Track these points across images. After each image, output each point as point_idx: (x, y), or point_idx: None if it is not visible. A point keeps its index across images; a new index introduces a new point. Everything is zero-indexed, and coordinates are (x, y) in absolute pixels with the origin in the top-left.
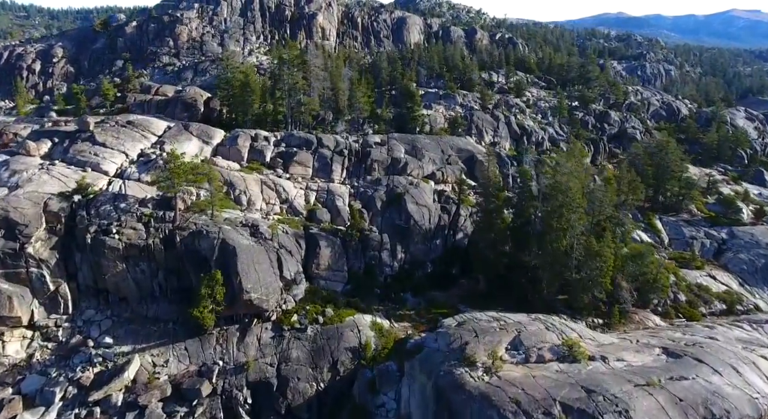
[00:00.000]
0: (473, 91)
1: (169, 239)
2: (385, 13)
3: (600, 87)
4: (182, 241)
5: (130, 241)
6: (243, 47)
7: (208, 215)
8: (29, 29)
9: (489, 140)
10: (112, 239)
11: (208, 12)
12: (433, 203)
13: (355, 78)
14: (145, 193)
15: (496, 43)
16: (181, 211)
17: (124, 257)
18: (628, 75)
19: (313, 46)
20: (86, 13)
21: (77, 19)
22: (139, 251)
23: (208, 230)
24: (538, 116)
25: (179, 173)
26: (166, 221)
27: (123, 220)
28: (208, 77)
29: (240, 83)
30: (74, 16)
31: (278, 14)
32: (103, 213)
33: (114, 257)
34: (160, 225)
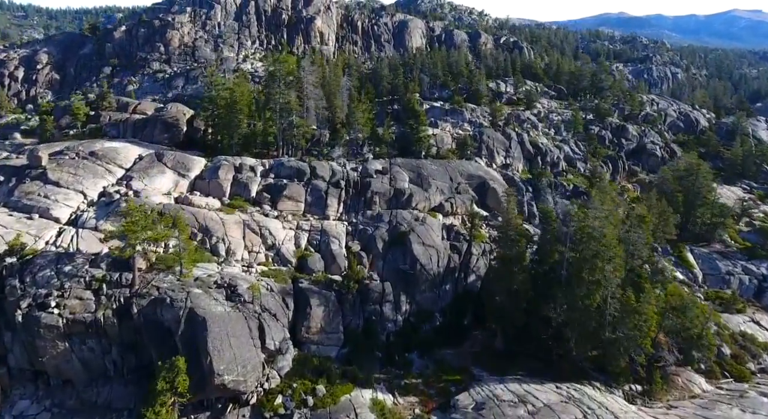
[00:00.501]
0: (481, 104)
1: (125, 309)
2: (386, 16)
3: (613, 97)
4: (141, 311)
5: (73, 315)
6: (237, 53)
7: (176, 274)
8: (27, 29)
9: (501, 161)
10: (50, 316)
11: (201, 16)
12: (442, 242)
13: (355, 87)
14: (101, 247)
15: (501, 48)
16: (142, 271)
17: (66, 335)
18: (635, 78)
19: (308, 63)
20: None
21: (76, 19)
22: (85, 327)
23: (173, 298)
24: (551, 131)
25: (135, 230)
26: (122, 285)
27: (67, 287)
28: (199, 85)
29: (225, 102)
30: (73, 16)
31: (275, 18)
32: (41, 281)
33: (53, 337)
34: (114, 292)
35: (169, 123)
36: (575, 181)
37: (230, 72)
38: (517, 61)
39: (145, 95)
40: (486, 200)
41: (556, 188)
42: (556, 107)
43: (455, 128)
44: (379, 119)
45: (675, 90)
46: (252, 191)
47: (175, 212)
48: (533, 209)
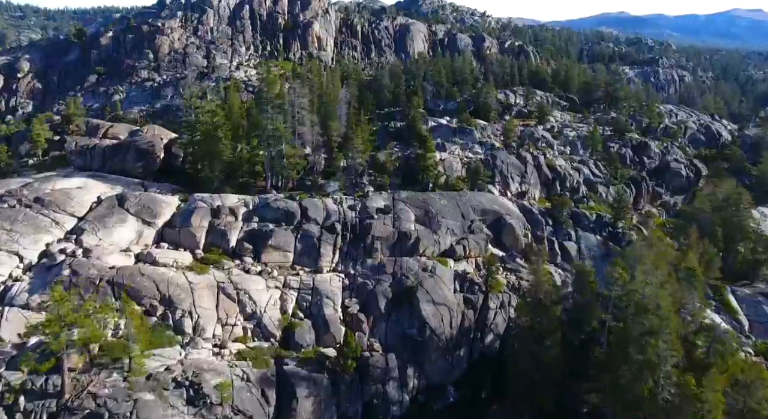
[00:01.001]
0: (491, 119)
1: None
2: (386, 19)
3: (629, 108)
4: None
5: None
6: (231, 60)
7: (123, 370)
8: (24, 30)
9: (516, 188)
10: None
11: (193, 21)
12: (454, 296)
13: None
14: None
15: (506, 52)
16: (77, 370)
17: None
18: (641, 81)
19: (299, 84)
20: (83, 14)
21: (74, 20)
22: None
23: (113, 412)
24: (566, 149)
25: (57, 330)
26: (48, 394)
27: None
28: None
29: (205, 129)
30: (71, 17)
31: (270, 23)
32: None
33: None
34: (36, 406)
35: (144, 150)
36: (599, 209)
37: (222, 80)
38: (524, 67)
39: (132, 105)
40: (502, 237)
41: (578, 220)
42: (570, 121)
43: (465, 151)
44: (380, 137)
45: (683, 94)
46: (231, 239)
47: (130, 279)
48: (554, 245)
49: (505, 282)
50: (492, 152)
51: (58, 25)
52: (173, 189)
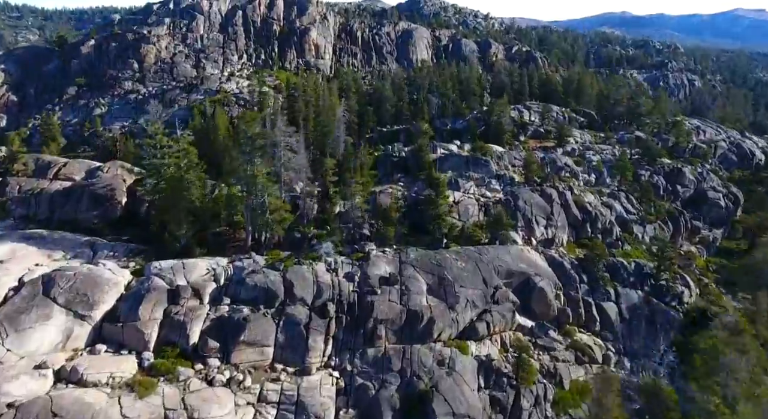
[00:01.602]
0: (504, 141)
1: None
2: (388, 25)
3: (653, 124)
4: None
5: None
6: (222, 69)
7: None
8: (22, 31)
9: (541, 233)
10: None
11: (181, 28)
12: (478, 396)
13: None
14: None
15: (513, 58)
16: None
17: None
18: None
19: (282, 121)
20: (81, 14)
21: (71, 20)
22: None
23: None
24: (591, 177)
25: None
26: None
27: None
28: (176, 109)
29: (171, 177)
30: (68, 17)
31: (264, 30)
32: None
33: None
34: None
35: (101, 195)
36: (637, 256)
37: (212, 92)
38: (533, 77)
39: (113, 120)
40: (531, 303)
41: (615, 272)
42: (591, 141)
43: (481, 187)
44: (381, 167)
45: (695, 100)
46: (193, 334)
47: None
48: (591, 308)
49: (538, 366)
50: (512, 189)
51: (56, 25)
52: (131, 251)
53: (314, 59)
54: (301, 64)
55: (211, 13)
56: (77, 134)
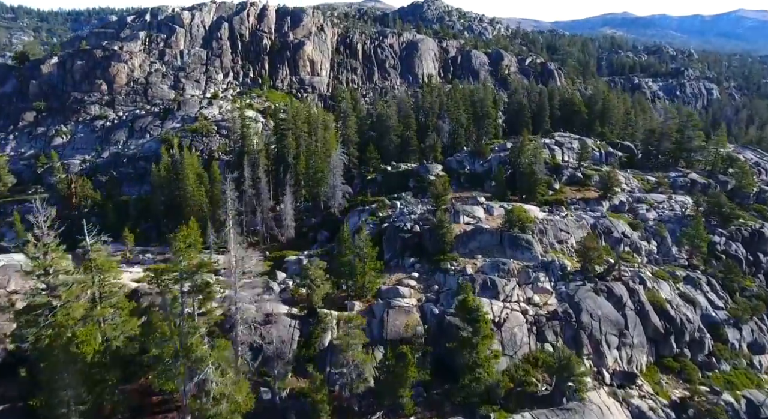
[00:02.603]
0: (538, 192)
1: None
2: (391, 36)
3: (706, 161)
4: None
5: None
6: (204, 90)
7: None
8: (17, 32)
9: (614, 360)
10: None
11: (159, 43)
12: None
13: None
14: None
15: (527, 71)
16: None
17: None
18: (666, 96)
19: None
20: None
21: (68, 21)
22: None
23: None
24: (652, 245)
25: None
26: None
27: None
28: (148, 139)
29: (61, 330)
30: (64, 18)
31: (254, 44)
32: None
33: None
34: None
35: None
36: (743, 384)
37: (190, 119)
38: (554, 95)
39: (74, 152)
40: None
41: None
42: (640, 187)
43: (525, 288)
44: (388, 245)
45: (715, 112)
46: None
47: None
48: None
49: None
50: (568, 290)
51: (51, 26)
52: None
53: (309, 76)
54: (295, 82)
55: (193, 25)
56: (31, 169)
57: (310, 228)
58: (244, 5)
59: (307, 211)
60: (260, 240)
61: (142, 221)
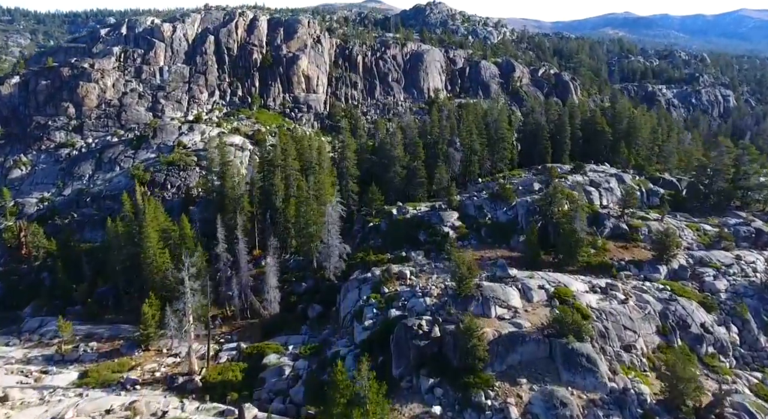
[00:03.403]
0: (577, 256)
1: None
2: (394, 46)
3: (763, 202)
4: None
5: None
6: (186, 111)
7: None
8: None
9: None
10: None
11: (135, 59)
12: None
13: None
14: None
15: (540, 83)
16: None
17: None
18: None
19: None
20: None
21: (65, 23)
22: None
23: None
24: (731, 334)
25: None
26: None
27: None
28: (117, 173)
29: None
30: (62, 20)
31: (243, 59)
32: None
33: None
34: None
35: None
36: None
37: (167, 148)
38: (574, 114)
39: (32, 189)
40: None
41: None
42: (697, 240)
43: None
44: (399, 354)
45: (736, 122)
46: None
47: None
48: None
49: None
50: None
51: (48, 29)
52: None
53: (304, 94)
54: (288, 100)
55: (174, 39)
56: None
57: (300, 298)
58: (232, 15)
59: (297, 269)
60: (237, 314)
61: (99, 280)
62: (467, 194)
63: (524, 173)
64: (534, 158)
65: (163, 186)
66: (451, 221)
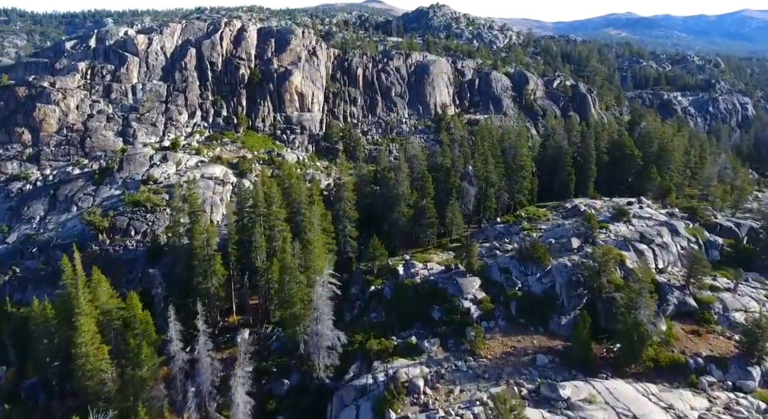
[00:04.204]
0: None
1: None
2: (397, 57)
3: None
4: None
5: None
6: (163, 135)
7: None
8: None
9: None
10: None
11: (104, 76)
12: None
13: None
14: None
15: (555, 97)
16: None
17: None
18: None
19: None
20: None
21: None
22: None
23: None
24: None
25: None
26: None
27: None
28: (74, 214)
29: None
30: (59, 21)
31: (228, 75)
32: None
33: None
34: None
35: None
36: None
37: (134, 184)
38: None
39: None
40: None
41: None
42: None
43: None
44: None
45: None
46: None
47: None
48: None
49: None
50: None
51: (45, 29)
52: None
53: (298, 113)
54: (280, 121)
55: (150, 52)
56: None
57: (281, 404)
58: (217, 25)
59: (279, 353)
60: None
61: (30, 367)
62: (486, 244)
63: (551, 213)
64: (554, 187)
65: (125, 232)
66: (471, 292)
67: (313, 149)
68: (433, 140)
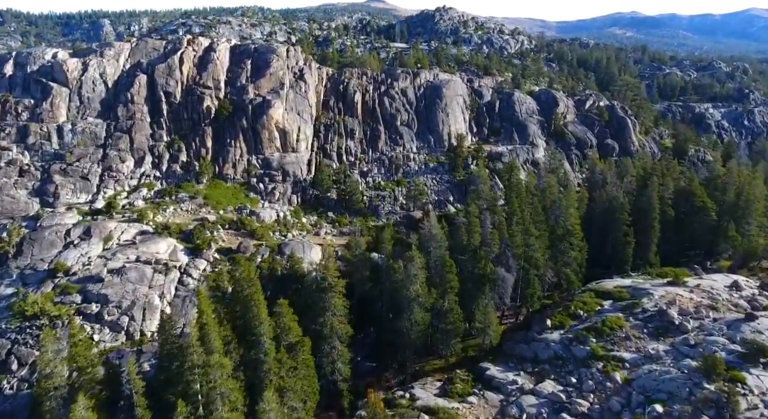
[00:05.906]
0: None
1: None
2: (403, 77)
3: None
4: None
5: None
6: (97, 192)
7: None
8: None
9: None
10: None
11: (20, 114)
12: None
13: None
14: None
15: (589, 120)
16: None
17: None
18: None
19: None
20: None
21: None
22: None
23: None
24: None
25: None
26: None
27: None
28: None
29: None
30: (55, 22)
31: (189, 108)
32: None
33: None
34: None
35: None
36: None
37: (39, 276)
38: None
39: None
40: None
41: None
42: None
43: None
44: None
45: None
46: None
47: None
48: None
49: None
50: None
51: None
52: None
53: (279, 154)
54: (256, 165)
55: (85, 81)
56: None
57: None
58: (177, 44)
59: None
60: None
61: None
62: (536, 367)
63: (623, 318)
64: (605, 254)
65: (3, 365)
66: None
67: (299, 200)
68: (447, 183)
